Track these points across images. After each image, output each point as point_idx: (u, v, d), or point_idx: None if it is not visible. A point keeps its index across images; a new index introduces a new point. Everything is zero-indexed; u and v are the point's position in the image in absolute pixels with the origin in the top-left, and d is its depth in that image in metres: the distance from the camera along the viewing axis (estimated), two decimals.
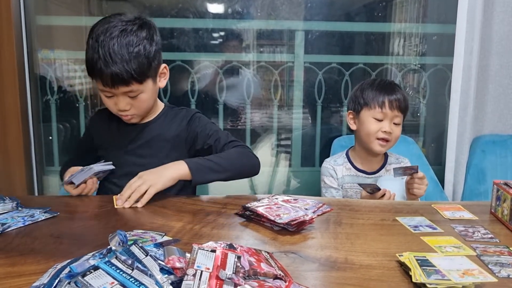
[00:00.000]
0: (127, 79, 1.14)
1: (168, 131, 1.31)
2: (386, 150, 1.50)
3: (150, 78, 1.21)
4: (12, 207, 1.04)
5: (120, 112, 1.22)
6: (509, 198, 0.98)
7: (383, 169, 1.55)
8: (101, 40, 1.13)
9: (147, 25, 1.21)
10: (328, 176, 1.57)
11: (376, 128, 1.46)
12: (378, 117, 1.47)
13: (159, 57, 1.24)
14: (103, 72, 1.13)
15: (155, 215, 1.03)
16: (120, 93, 1.17)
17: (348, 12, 2.11)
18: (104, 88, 1.17)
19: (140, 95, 1.19)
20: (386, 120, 1.46)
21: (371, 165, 1.55)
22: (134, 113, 1.23)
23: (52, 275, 0.66)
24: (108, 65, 1.12)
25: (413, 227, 0.97)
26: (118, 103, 1.19)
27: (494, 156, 1.85)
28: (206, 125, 1.32)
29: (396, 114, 1.46)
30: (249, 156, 1.27)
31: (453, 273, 0.70)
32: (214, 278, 0.61)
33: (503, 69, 1.88)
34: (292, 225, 0.92)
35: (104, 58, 1.12)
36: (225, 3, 2.02)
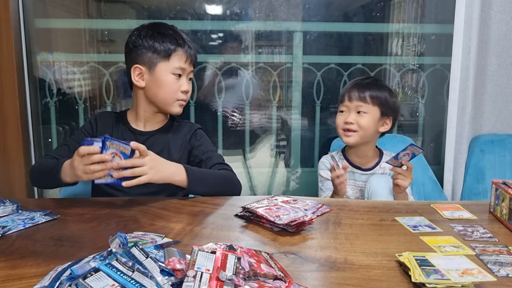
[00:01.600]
0: (195, 59, 1.37)
1: (175, 142, 1.36)
2: (355, 140, 1.50)
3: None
4: (12, 210, 1.05)
5: (181, 96, 1.33)
6: (508, 197, 0.99)
7: (378, 166, 1.55)
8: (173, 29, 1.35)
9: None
10: (324, 170, 1.59)
11: (341, 121, 1.51)
12: (343, 109, 1.52)
13: None
14: (187, 49, 1.32)
15: (155, 217, 1.03)
16: (188, 73, 1.34)
17: (346, 13, 2.12)
18: (182, 65, 1.31)
19: (191, 80, 1.38)
20: (349, 111, 1.50)
21: (365, 161, 1.56)
22: (187, 99, 1.36)
23: (53, 278, 0.66)
24: (191, 47, 1.34)
25: (412, 227, 0.98)
26: (185, 84, 1.33)
27: (493, 155, 1.85)
28: (204, 142, 1.39)
29: (358, 104, 1.48)
30: (234, 182, 1.29)
31: (452, 272, 0.71)
32: (214, 279, 0.61)
33: (501, 68, 1.88)
34: (292, 225, 0.93)
35: (187, 40, 1.34)
36: (223, 4, 2.02)
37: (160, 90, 1.31)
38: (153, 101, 1.33)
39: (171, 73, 1.31)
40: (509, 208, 0.98)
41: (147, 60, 1.30)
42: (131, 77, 1.32)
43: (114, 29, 2.04)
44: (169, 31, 1.34)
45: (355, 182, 1.54)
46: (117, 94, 2.05)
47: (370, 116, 1.49)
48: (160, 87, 1.31)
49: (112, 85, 2.02)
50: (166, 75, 1.31)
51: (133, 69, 1.31)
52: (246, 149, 2.13)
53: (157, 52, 1.30)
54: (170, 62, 1.30)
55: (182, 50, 1.32)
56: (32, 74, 1.94)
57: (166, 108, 1.34)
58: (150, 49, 1.29)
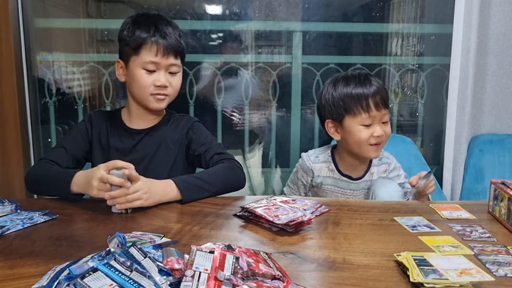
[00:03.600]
0: (177, 50, 1.25)
1: (173, 137, 1.33)
2: (380, 152, 1.39)
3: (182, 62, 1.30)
4: (11, 210, 1.04)
5: (157, 90, 1.24)
6: (507, 197, 0.99)
7: (368, 173, 1.43)
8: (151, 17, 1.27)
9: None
10: (302, 171, 1.45)
11: (367, 135, 1.31)
12: (366, 123, 1.31)
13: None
14: (159, 40, 1.22)
15: (154, 216, 1.03)
16: (165, 66, 1.24)
17: (346, 13, 2.12)
18: (153, 59, 1.22)
19: (178, 74, 1.28)
20: (375, 123, 1.32)
21: (357, 171, 1.42)
22: (169, 93, 1.27)
23: (51, 277, 0.66)
24: (165, 37, 1.23)
25: (411, 227, 0.98)
26: (160, 78, 1.24)
27: (492, 155, 1.85)
28: (201, 134, 1.34)
29: (384, 113, 1.33)
30: (235, 171, 1.25)
31: (450, 272, 0.71)
32: (212, 279, 0.61)
33: (500, 68, 1.88)
34: (291, 225, 0.93)
35: (161, 29, 1.23)
36: (223, 4, 2.02)
37: (134, 85, 1.26)
38: (133, 97, 1.30)
39: (141, 68, 1.23)
40: (508, 208, 0.98)
41: (124, 54, 1.27)
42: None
43: (113, 29, 2.04)
44: (145, 20, 1.26)
45: (343, 190, 1.43)
46: (116, 94, 2.05)
47: (389, 123, 1.36)
48: (134, 82, 1.25)
49: (112, 85, 2.02)
50: (137, 70, 1.24)
51: (117, 64, 1.30)
52: (246, 149, 2.13)
53: (128, 45, 1.24)
54: (140, 56, 1.23)
55: (152, 42, 1.22)
56: (31, 74, 1.94)
57: (145, 104, 1.28)
58: (124, 42, 1.25)
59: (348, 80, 1.35)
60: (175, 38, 1.25)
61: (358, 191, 1.43)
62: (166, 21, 1.28)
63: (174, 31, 1.27)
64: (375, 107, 1.30)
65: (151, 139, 1.32)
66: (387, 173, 1.43)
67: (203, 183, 1.16)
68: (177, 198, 1.12)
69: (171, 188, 1.11)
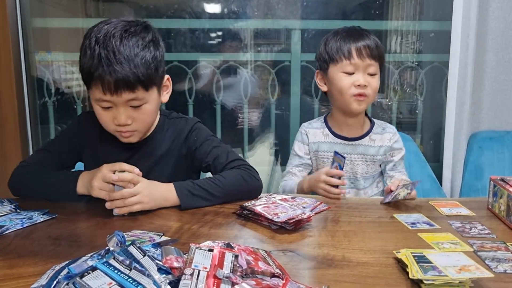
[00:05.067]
0: (133, 82, 1.00)
1: (169, 146, 1.19)
2: (365, 106, 1.32)
3: (155, 87, 1.08)
4: (11, 210, 1.04)
5: (119, 128, 1.07)
6: (506, 193, 0.99)
7: (367, 137, 1.36)
8: (102, 41, 0.99)
9: (151, 28, 1.10)
10: (298, 141, 1.44)
11: (349, 83, 1.27)
12: (348, 70, 1.27)
13: (164, 66, 1.13)
14: (105, 75, 0.98)
15: (154, 215, 1.03)
16: (122, 102, 1.02)
17: (345, 11, 2.12)
18: (103, 97, 1.01)
19: (144, 105, 1.06)
20: (358, 71, 1.27)
21: (351, 130, 1.37)
22: (135, 129, 1.08)
23: (51, 277, 0.66)
24: (112, 66, 0.98)
25: (410, 224, 0.98)
26: (118, 116, 1.04)
27: (492, 152, 1.85)
28: (204, 141, 1.19)
29: (369, 63, 1.27)
30: (249, 179, 1.13)
31: (450, 269, 0.71)
32: (211, 277, 0.61)
33: (499, 65, 1.88)
34: (290, 223, 0.93)
35: (107, 58, 0.98)
36: (221, 3, 2.02)
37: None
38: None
39: (97, 105, 1.05)
40: (507, 205, 0.98)
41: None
42: None
43: None
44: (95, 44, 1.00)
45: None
46: None
47: (378, 77, 1.30)
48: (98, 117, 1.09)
49: None
50: (95, 105, 1.06)
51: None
52: (245, 147, 2.13)
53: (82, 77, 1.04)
54: (92, 92, 1.03)
55: (98, 77, 0.99)
56: (30, 73, 1.94)
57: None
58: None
59: (337, 32, 1.35)
60: (129, 69, 0.99)
61: (355, 156, 1.36)
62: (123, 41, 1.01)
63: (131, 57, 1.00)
64: (358, 54, 1.27)
65: (146, 153, 1.17)
66: (392, 142, 1.37)
67: (207, 194, 1.08)
68: (176, 203, 1.06)
69: (171, 194, 1.06)
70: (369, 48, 1.27)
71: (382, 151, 1.35)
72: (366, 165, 1.38)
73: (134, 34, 1.04)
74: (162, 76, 1.12)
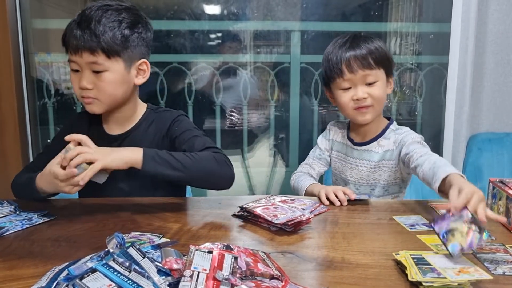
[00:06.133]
0: (95, 45, 1.07)
1: (153, 138, 1.20)
2: (372, 116, 1.28)
3: (121, 59, 1.11)
4: (10, 211, 1.05)
5: (82, 92, 1.11)
6: (505, 195, 0.99)
7: (375, 143, 1.32)
8: (82, 12, 1.10)
9: (138, 14, 1.16)
10: (322, 136, 1.45)
11: (347, 99, 1.26)
12: (344, 86, 1.26)
13: (142, 50, 1.16)
14: (72, 33, 1.08)
15: (153, 217, 1.03)
16: (85, 65, 1.09)
17: (344, 12, 2.12)
18: (70, 57, 1.10)
19: (105, 73, 1.10)
20: (355, 85, 1.25)
21: (365, 135, 1.34)
22: (96, 96, 1.12)
23: (50, 278, 0.66)
24: (80, 26, 1.07)
25: (410, 226, 0.98)
26: (81, 78, 1.10)
27: (491, 154, 1.85)
28: (186, 130, 1.18)
29: (365, 73, 1.24)
30: (222, 163, 1.09)
31: (448, 271, 0.71)
32: (211, 279, 0.61)
33: (498, 67, 1.89)
34: (289, 225, 0.93)
35: (80, 19, 1.08)
36: (221, 4, 2.02)
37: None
38: None
39: (70, 68, 1.13)
40: (506, 207, 0.98)
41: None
42: None
43: None
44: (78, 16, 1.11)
45: (345, 157, 1.37)
46: None
47: (380, 83, 1.26)
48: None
49: None
50: (70, 69, 1.14)
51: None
52: (245, 148, 2.13)
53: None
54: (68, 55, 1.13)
55: (71, 37, 1.09)
56: (30, 74, 1.94)
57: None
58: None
59: (332, 45, 1.31)
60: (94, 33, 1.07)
61: (360, 161, 1.33)
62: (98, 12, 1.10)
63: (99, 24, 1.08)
64: (348, 69, 1.24)
65: (130, 145, 1.14)
66: (396, 144, 1.29)
67: (174, 160, 1.03)
68: (137, 162, 1.01)
69: (135, 155, 1.01)
70: (360, 58, 1.23)
71: (388, 155, 1.30)
72: (372, 172, 1.32)
73: (114, 10, 1.11)
74: (135, 55, 1.15)
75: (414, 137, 1.25)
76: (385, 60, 1.27)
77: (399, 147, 1.26)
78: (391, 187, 1.33)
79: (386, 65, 1.28)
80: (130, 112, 1.22)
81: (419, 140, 1.24)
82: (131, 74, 1.15)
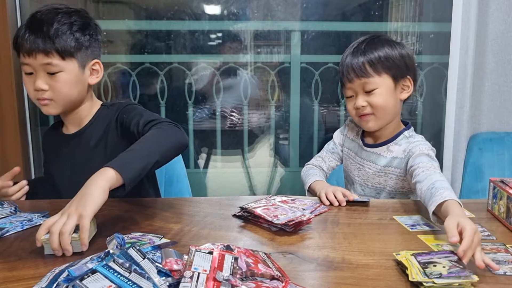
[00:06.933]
0: (48, 46, 1.09)
1: (103, 132, 1.21)
2: (377, 124, 1.27)
3: (75, 60, 1.14)
4: (10, 212, 1.05)
5: (37, 95, 1.12)
6: (506, 195, 0.99)
7: (384, 147, 1.30)
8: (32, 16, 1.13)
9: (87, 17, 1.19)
10: (339, 130, 1.46)
11: (351, 107, 1.29)
12: (348, 94, 1.29)
13: (94, 51, 1.20)
14: (24, 37, 1.09)
15: (153, 217, 1.03)
16: (39, 66, 1.10)
17: (344, 12, 2.12)
18: (23, 60, 1.11)
19: (60, 74, 1.12)
20: (358, 94, 1.26)
21: (375, 138, 1.34)
22: (51, 98, 1.13)
23: (51, 279, 0.66)
24: (32, 30, 1.09)
25: (410, 226, 0.98)
26: (36, 81, 1.11)
27: (491, 153, 1.85)
28: (134, 115, 1.14)
29: (363, 82, 1.23)
30: (174, 132, 1.06)
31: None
32: (211, 279, 0.61)
33: (499, 66, 1.88)
34: (290, 225, 0.93)
35: (31, 23, 1.11)
36: (221, 4, 2.02)
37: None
38: None
39: (23, 72, 1.14)
40: (507, 206, 0.98)
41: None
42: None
43: (112, 29, 2.03)
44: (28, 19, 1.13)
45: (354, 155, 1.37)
46: (115, 94, 2.05)
47: (382, 90, 1.23)
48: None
49: (110, 85, 2.02)
50: (23, 72, 1.15)
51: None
52: (245, 149, 2.13)
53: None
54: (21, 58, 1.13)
55: (23, 41, 1.10)
56: None
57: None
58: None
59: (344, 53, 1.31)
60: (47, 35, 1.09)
61: (367, 163, 1.32)
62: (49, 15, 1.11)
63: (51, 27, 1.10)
64: (348, 78, 1.25)
65: (87, 140, 1.19)
66: (405, 153, 1.25)
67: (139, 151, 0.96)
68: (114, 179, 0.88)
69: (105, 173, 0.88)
70: (357, 67, 1.23)
71: (396, 163, 1.27)
72: (378, 176, 1.31)
73: (64, 13, 1.14)
74: (88, 56, 1.18)
75: (423, 148, 1.20)
76: (392, 66, 1.23)
77: (407, 157, 1.22)
78: (397, 196, 1.31)
79: (393, 71, 1.24)
80: (86, 111, 1.24)
81: (428, 152, 1.19)
82: (85, 74, 1.18)
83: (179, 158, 1.60)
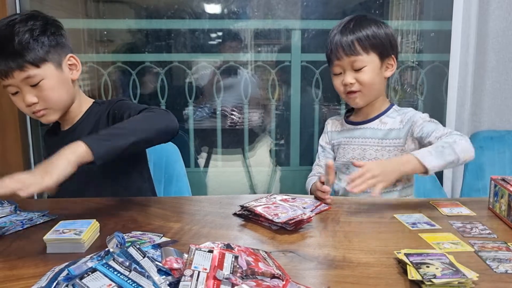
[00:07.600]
0: (19, 62, 1.08)
1: (94, 128, 1.21)
2: (363, 101, 1.32)
3: (50, 63, 1.13)
4: (11, 211, 1.05)
5: (31, 109, 1.13)
6: (507, 193, 0.98)
7: (377, 120, 1.34)
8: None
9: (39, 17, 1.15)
10: (323, 132, 1.49)
11: (339, 83, 1.32)
12: (336, 71, 1.32)
13: (64, 47, 1.18)
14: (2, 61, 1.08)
15: (154, 216, 1.03)
16: (20, 82, 1.10)
17: (344, 10, 2.12)
18: (4, 82, 1.11)
19: (42, 82, 1.11)
20: (345, 70, 1.29)
21: (366, 115, 1.37)
22: (45, 107, 1.14)
23: (50, 278, 0.66)
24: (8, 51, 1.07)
25: (411, 224, 0.97)
26: (24, 97, 1.11)
27: (492, 152, 1.84)
28: (125, 109, 1.16)
29: (350, 60, 1.27)
30: (161, 113, 1.08)
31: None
32: (211, 278, 0.61)
33: (500, 65, 1.88)
34: (290, 224, 0.92)
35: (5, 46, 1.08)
36: (221, 3, 2.02)
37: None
38: None
39: (9, 93, 1.15)
40: (508, 205, 0.98)
41: None
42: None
43: (112, 29, 2.03)
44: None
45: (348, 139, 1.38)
46: (116, 94, 2.05)
47: (370, 68, 1.27)
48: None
49: (111, 85, 2.02)
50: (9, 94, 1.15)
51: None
52: (246, 148, 2.12)
53: None
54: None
55: None
56: None
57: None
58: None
59: (332, 30, 1.35)
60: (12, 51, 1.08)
61: (363, 140, 1.34)
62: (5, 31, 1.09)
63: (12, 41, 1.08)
64: (336, 56, 1.29)
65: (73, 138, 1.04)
66: (403, 123, 1.31)
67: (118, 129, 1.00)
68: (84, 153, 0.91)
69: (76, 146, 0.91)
70: (346, 45, 1.27)
71: (393, 134, 1.30)
72: (374, 150, 1.32)
73: (19, 22, 1.10)
74: (58, 54, 1.16)
75: (423, 116, 1.29)
76: (379, 44, 1.28)
77: (408, 126, 1.29)
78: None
79: (380, 49, 1.29)
80: (76, 107, 1.25)
81: (429, 119, 1.28)
82: (64, 73, 1.18)
83: (178, 158, 1.60)
